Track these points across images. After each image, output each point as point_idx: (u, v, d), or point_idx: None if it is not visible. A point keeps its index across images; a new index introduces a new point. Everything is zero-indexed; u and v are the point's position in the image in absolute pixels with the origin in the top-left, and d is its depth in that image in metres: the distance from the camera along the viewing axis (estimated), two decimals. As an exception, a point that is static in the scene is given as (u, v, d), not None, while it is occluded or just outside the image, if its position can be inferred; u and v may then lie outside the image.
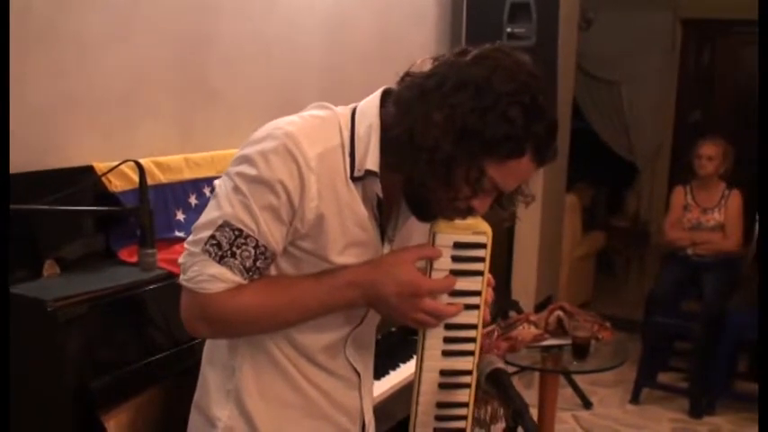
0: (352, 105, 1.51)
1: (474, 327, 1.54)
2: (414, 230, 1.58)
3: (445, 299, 1.49)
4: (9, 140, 1.77)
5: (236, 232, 1.38)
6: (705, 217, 4.98)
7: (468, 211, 1.44)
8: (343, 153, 1.43)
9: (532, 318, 3.33)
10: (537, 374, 3.71)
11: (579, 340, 3.19)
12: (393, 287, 1.43)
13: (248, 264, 1.40)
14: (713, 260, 4.90)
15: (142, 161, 2.18)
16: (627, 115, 7.54)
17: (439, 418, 1.60)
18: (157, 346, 2.07)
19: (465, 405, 1.59)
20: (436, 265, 1.47)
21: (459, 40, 4.16)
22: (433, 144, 1.33)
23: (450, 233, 1.47)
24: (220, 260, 1.39)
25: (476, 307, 1.53)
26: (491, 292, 1.57)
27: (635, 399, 4.83)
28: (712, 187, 4.98)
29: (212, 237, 1.39)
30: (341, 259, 1.46)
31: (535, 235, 5.35)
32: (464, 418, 1.61)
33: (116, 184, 2.30)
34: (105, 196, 2.29)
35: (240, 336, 1.53)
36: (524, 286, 5.25)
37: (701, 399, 4.69)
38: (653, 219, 7.47)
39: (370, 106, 1.47)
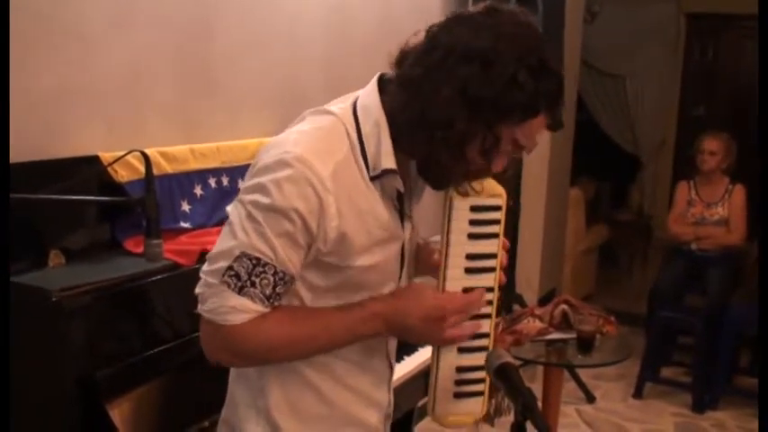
0: (352, 100, 1.47)
1: (491, 289, 1.55)
2: (426, 197, 1.59)
3: (462, 262, 1.51)
4: (9, 133, 1.75)
5: (254, 261, 1.36)
6: (709, 211, 4.97)
7: (486, 173, 1.45)
8: (355, 157, 1.41)
9: (537, 311, 3.32)
10: (541, 368, 3.70)
11: (584, 334, 3.18)
12: (420, 313, 1.45)
13: (268, 291, 1.38)
14: (717, 255, 4.89)
15: (148, 151, 2.17)
16: (631, 109, 7.53)
17: (458, 383, 1.60)
18: (162, 337, 2.07)
19: (482, 368, 1.59)
20: (454, 227, 1.49)
21: (464, 32, 4.13)
22: (447, 120, 1.33)
23: (466, 197, 1.48)
24: (240, 291, 1.37)
25: (492, 270, 1.54)
26: (505, 256, 1.58)
27: (638, 393, 4.82)
28: (716, 182, 4.97)
29: (230, 268, 1.36)
30: (366, 260, 1.45)
31: (539, 228, 5.34)
32: (482, 381, 1.61)
33: (122, 175, 2.29)
34: (111, 186, 2.29)
35: (264, 364, 1.51)
36: (528, 280, 5.25)
37: (704, 393, 4.68)
38: (656, 213, 7.47)
39: (370, 100, 1.44)
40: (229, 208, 1.43)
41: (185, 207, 2.51)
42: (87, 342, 1.91)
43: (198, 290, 1.42)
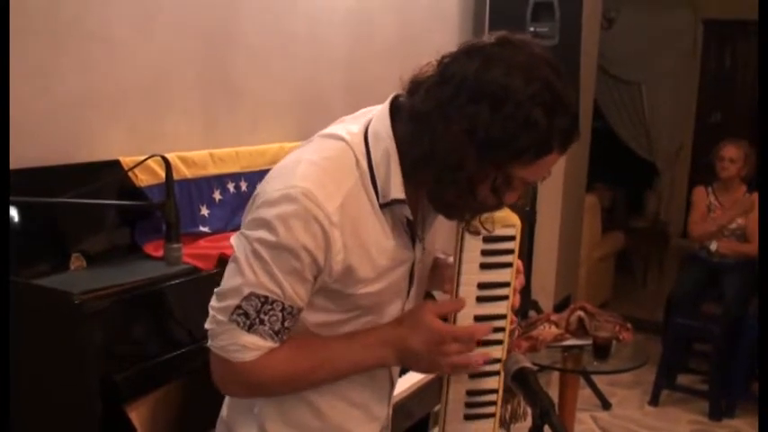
0: (364, 123, 1.44)
1: (503, 317, 1.55)
2: (441, 222, 1.57)
3: (473, 291, 1.49)
4: (9, 134, 1.76)
5: (262, 300, 1.36)
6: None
7: (497, 207, 1.42)
8: (365, 186, 1.39)
9: (553, 317, 3.33)
10: (556, 374, 3.70)
11: (600, 341, 3.18)
12: (421, 336, 1.43)
13: (277, 327, 1.39)
14: (734, 262, 4.86)
15: (168, 156, 2.19)
16: (647, 116, 7.52)
17: (469, 405, 1.60)
18: (180, 340, 2.08)
19: (495, 392, 1.59)
20: (465, 258, 1.47)
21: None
22: (457, 162, 1.29)
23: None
24: (250, 329, 1.37)
25: (504, 298, 1.53)
26: (521, 279, 1.57)
27: (654, 400, 4.80)
28: (734, 189, 4.95)
29: (238, 306, 1.36)
30: (371, 288, 1.45)
31: (554, 235, 5.34)
32: (494, 403, 1.62)
33: (142, 179, 2.32)
34: (131, 190, 2.31)
35: (276, 395, 1.52)
36: (543, 286, 5.25)
37: (721, 401, 4.66)
38: (673, 220, 7.44)
39: (381, 125, 1.41)
40: (233, 241, 1.41)
41: (204, 211, 2.53)
42: (107, 344, 1.92)
43: (207, 326, 1.42)
